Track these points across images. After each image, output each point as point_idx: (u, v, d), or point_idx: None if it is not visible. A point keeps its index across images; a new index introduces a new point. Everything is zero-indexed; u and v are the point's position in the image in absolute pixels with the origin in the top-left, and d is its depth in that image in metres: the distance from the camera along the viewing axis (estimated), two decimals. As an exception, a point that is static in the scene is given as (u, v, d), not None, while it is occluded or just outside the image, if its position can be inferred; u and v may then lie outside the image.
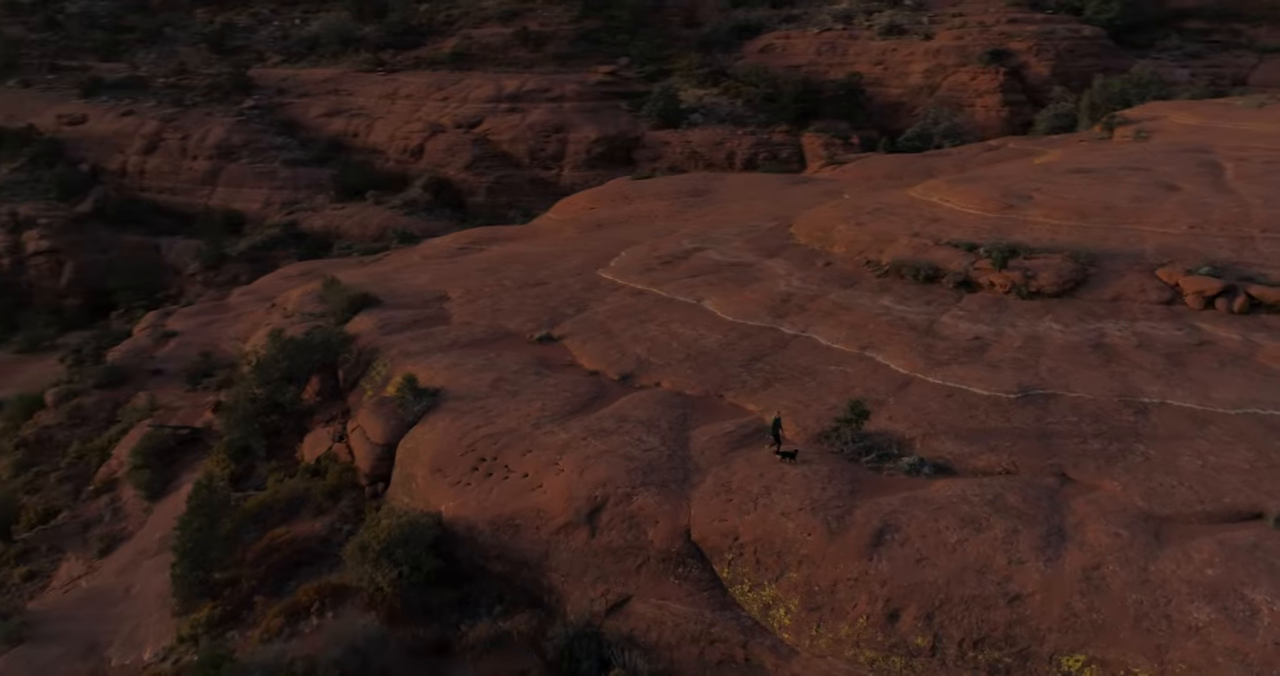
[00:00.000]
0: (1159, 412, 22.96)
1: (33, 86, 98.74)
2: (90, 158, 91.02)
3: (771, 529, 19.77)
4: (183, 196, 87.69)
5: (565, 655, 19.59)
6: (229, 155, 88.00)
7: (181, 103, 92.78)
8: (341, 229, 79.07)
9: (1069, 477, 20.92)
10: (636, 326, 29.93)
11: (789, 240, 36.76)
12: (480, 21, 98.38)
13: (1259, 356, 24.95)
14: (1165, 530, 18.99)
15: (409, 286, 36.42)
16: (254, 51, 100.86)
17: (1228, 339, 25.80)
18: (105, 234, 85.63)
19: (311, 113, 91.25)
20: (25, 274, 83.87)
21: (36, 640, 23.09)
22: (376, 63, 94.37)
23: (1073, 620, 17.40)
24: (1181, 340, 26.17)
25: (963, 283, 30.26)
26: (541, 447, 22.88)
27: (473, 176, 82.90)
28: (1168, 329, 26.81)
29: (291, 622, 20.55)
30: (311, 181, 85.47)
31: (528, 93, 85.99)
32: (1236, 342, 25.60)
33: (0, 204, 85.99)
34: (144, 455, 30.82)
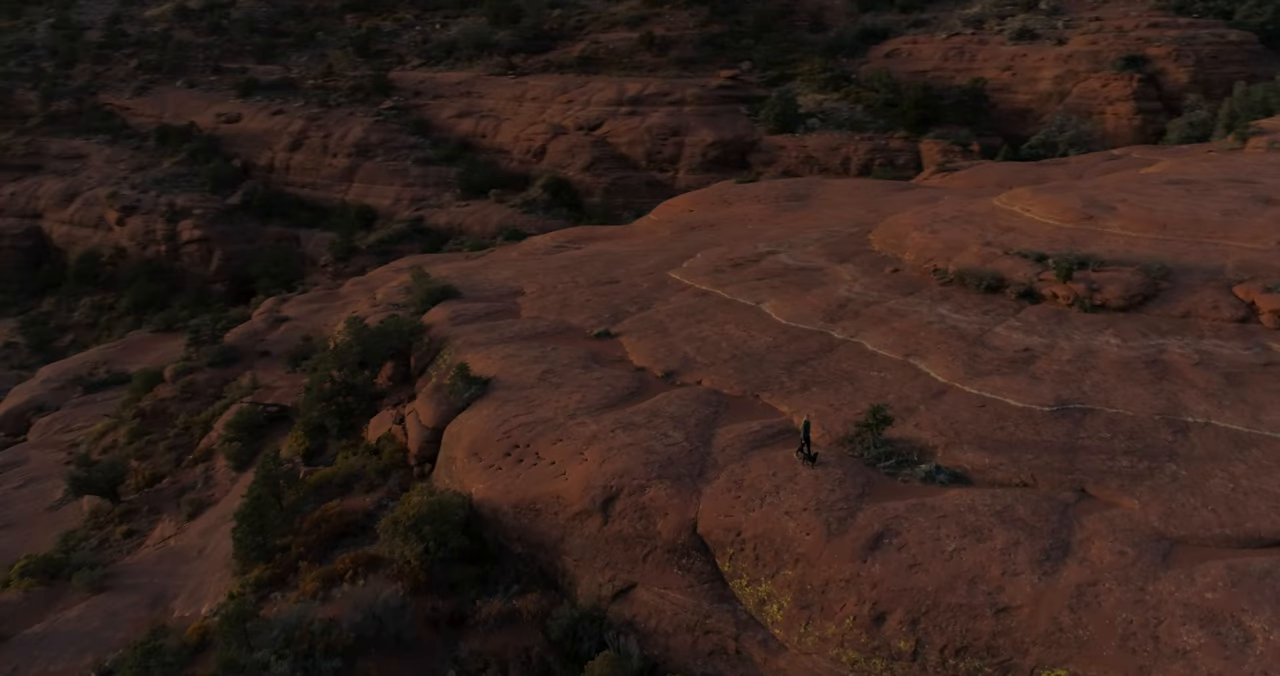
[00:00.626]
0: (1201, 433, 22.10)
1: (197, 87, 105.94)
2: (242, 154, 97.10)
3: (773, 526, 20.08)
4: (322, 191, 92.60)
5: (568, 635, 20.41)
6: (366, 153, 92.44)
7: (326, 103, 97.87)
8: (464, 225, 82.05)
9: (1088, 493, 20.45)
10: (692, 326, 30.49)
11: (864, 246, 36.57)
12: (609, 26, 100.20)
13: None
14: (1176, 551, 18.42)
15: (491, 281, 37.91)
16: (396, 55, 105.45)
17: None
18: (251, 225, 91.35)
19: (444, 114, 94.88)
20: (179, 260, 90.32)
21: (115, 590, 25.36)
22: (508, 66, 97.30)
23: (1058, 635, 17.13)
24: (1247, 360, 25.00)
25: (1026, 293, 29.57)
26: (571, 437, 23.74)
27: (590, 177, 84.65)
28: (1234, 348, 25.63)
29: (326, 587, 22.02)
30: (439, 179, 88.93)
31: (648, 96, 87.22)
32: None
33: (161, 195, 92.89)
34: (236, 429, 33.17)
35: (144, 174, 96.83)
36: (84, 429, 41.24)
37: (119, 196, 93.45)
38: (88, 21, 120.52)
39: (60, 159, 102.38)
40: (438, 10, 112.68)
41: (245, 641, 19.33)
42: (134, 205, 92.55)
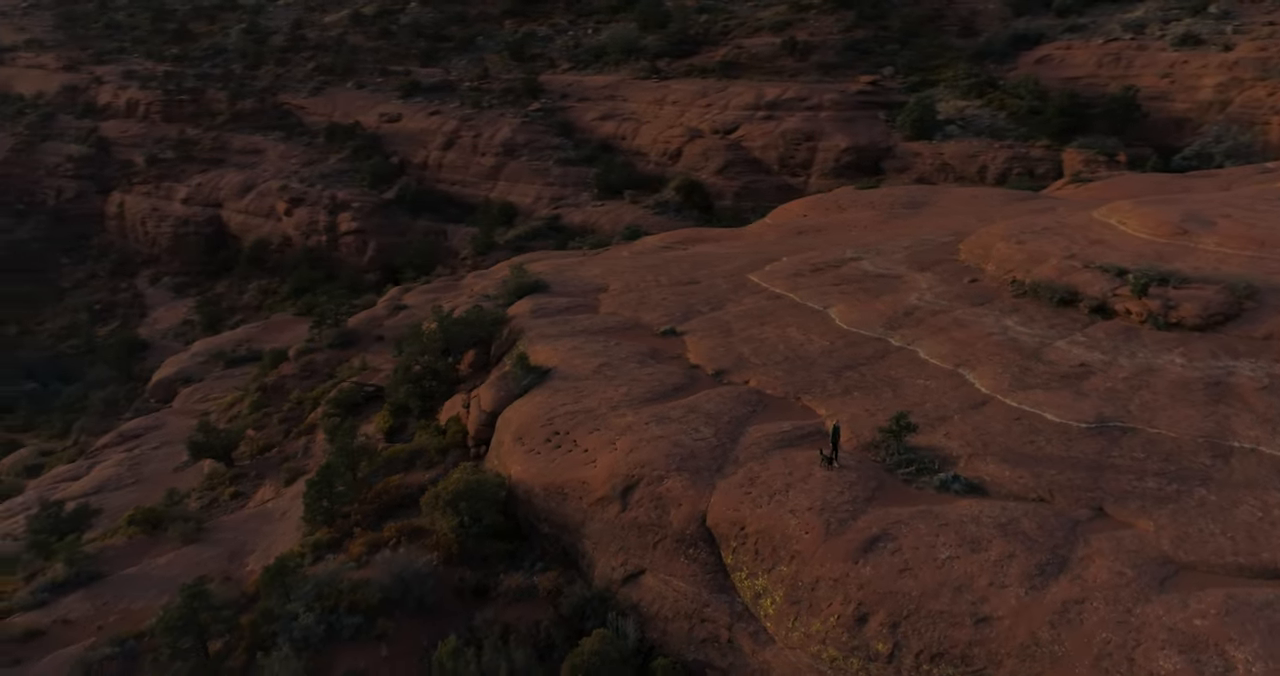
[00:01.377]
0: (1244, 458, 21.13)
1: (365, 88, 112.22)
2: (400, 151, 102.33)
3: (775, 523, 20.47)
4: (470, 188, 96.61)
5: (577, 613, 21.40)
6: (512, 153, 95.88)
7: (479, 104, 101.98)
8: (597, 224, 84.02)
9: (1105, 512, 19.97)
10: (756, 327, 30.90)
11: (952, 255, 35.96)
12: (754, 31, 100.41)
13: (1399, 411, 22.11)
14: (1179, 576, 17.87)
15: (581, 278, 39.24)
16: (548, 59, 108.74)
17: (1370, 389, 23.00)
18: (403, 218, 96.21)
19: (588, 116, 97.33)
20: (338, 249, 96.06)
21: (204, 542, 27.95)
22: (652, 70, 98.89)
23: (1034, 649, 16.95)
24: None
25: (1098, 309, 28.62)
26: (608, 428, 24.68)
27: (723, 180, 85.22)
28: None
29: (370, 552, 23.72)
30: (578, 179, 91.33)
31: (786, 101, 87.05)
32: (1377, 394, 22.78)
33: (325, 189, 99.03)
34: (336, 405, 35.66)
35: (312, 169, 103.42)
36: (217, 399, 45.02)
37: (288, 189, 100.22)
38: (274, 27, 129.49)
39: (241, 153, 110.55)
40: (591, 15, 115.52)
41: (285, 594, 21.18)
42: (301, 197, 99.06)
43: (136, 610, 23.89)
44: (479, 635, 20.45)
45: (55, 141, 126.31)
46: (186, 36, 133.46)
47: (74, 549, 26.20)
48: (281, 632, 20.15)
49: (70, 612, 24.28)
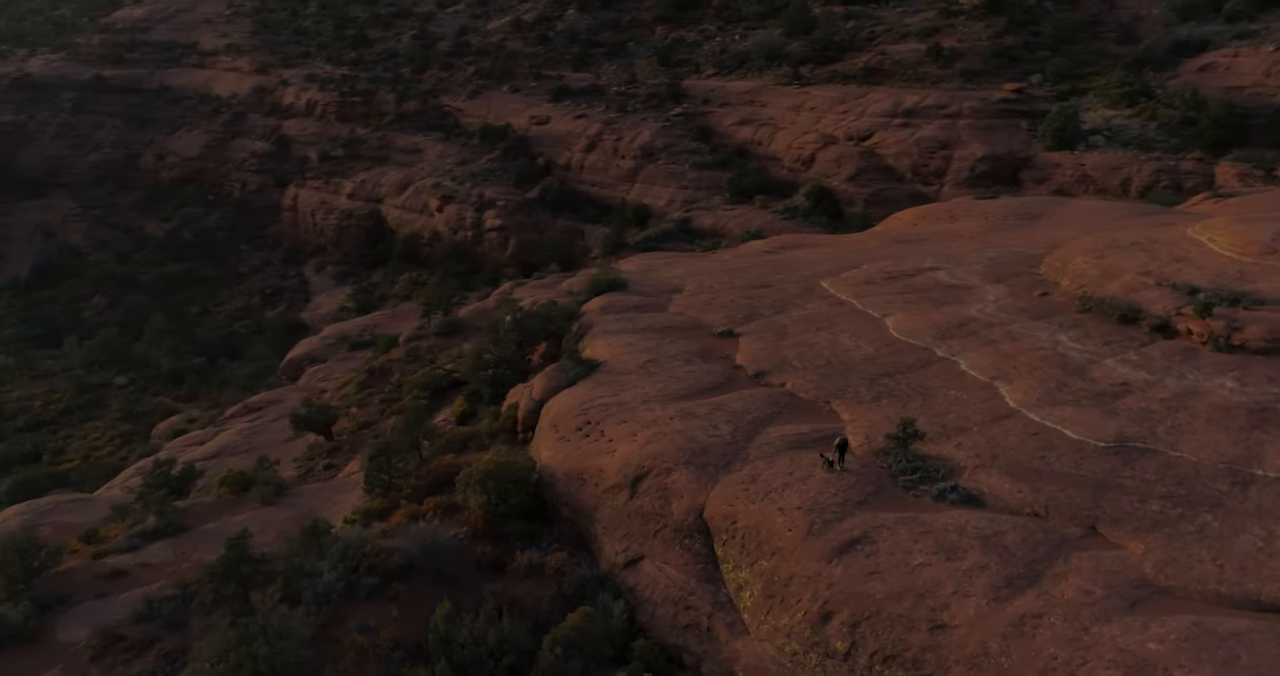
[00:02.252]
0: (1265, 487, 20.18)
1: (519, 92, 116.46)
2: (546, 153, 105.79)
3: (764, 519, 20.95)
4: (608, 190, 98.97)
5: (578, 592, 22.47)
6: (650, 156, 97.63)
7: (624, 109, 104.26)
8: (725, 228, 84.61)
9: (1097, 531, 19.58)
10: (810, 332, 31.13)
11: (1033, 268, 35.09)
12: (900, 38, 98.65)
13: None
14: (1152, 600, 17.44)
15: (662, 278, 40.23)
16: (693, 64, 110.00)
17: None
18: (544, 217, 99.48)
19: (726, 121, 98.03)
20: (482, 244, 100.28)
21: (280, 505, 30.49)
22: (794, 76, 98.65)
23: (982, 659, 16.92)
24: (1380, 419, 22.14)
25: (1160, 327, 27.52)
26: (634, 420, 25.63)
27: (854, 187, 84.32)
28: (1372, 405, 22.72)
29: (408, 523, 25.48)
30: (712, 183, 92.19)
31: (924, 108, 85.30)
32: None
33: (474, 187, 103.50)
34: (423, 389, 37.94)
35: (465, 168, 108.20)
36: (336, 379, 48.36)
37: (441, 186, 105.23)
38: (442, 33, 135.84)
39: (403, 152, 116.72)
40: (740, 22, 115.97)
41: (319, 552, 23.14)
42: (451, 195, 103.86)
43: (207, 560, 26.38)
44: (482, 605, 21.75)
45: (243, 139, 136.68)
46: (363, 42, 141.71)
47: (165, 503, 29.13)
48: (308, 587, 22.06)
49: (152, 558, 27.08)
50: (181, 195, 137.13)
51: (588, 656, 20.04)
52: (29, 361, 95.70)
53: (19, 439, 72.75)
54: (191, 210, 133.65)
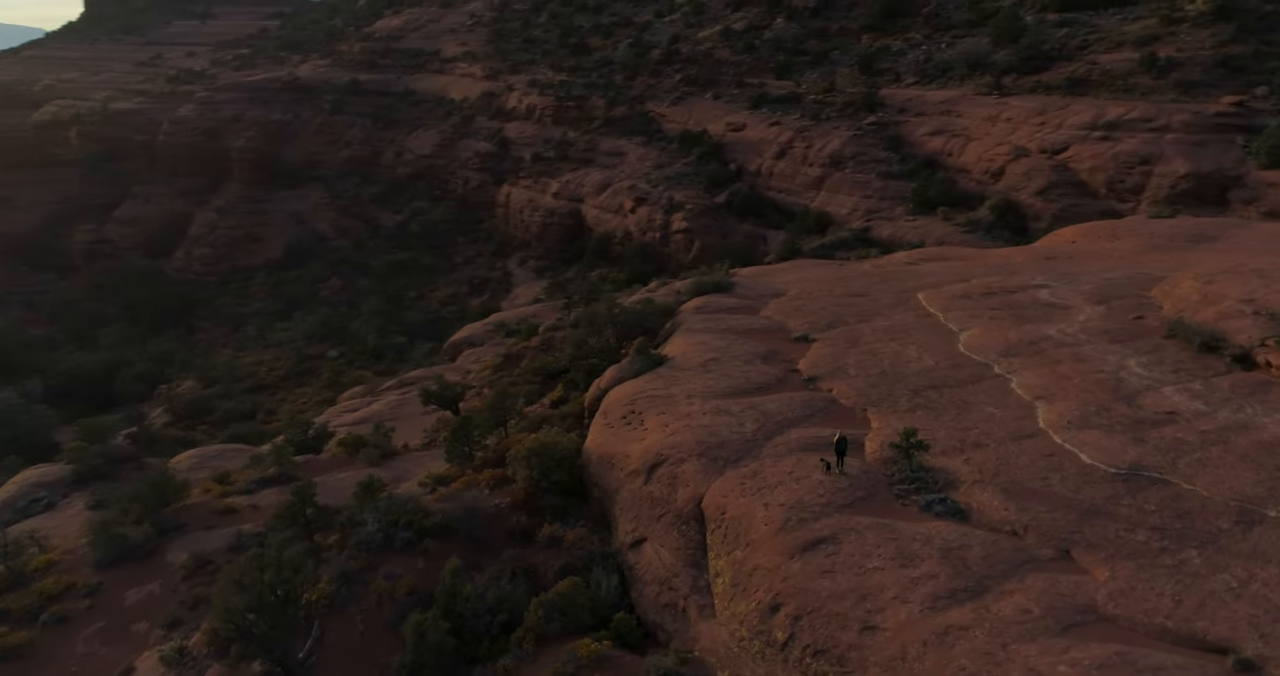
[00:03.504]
0: (1269, 529, 18.95)
1: (720, 99, 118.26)
2: (738, 159, 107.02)
3: (747, 513, 21.68)
4: (794, 197, 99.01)
5: (585, 565, 23.96)
6: (838, 165, 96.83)
7: (818, 117, 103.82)
8: (903, 239, 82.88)
9: (1069, 555, 19.10)
10: (881, 342, 31.07)
11: (1144, 291, 33.30)
12: (1113, 46, 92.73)
13: None
14: (1090, 626, 17.02)
15: (770, 283, 40.81)
16: (894, 73, 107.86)
17: None
18: (729, 222, 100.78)
19: (918, 131, 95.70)
20: (668, 245, 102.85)
21: (381, 467, 33.75)
22: (995, 86, 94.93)
23: (899, 663, 17.12)
24: None
25: (1241, 357, 25.77)
26: (671, 413, 26.76)
27: (1041, 202, 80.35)
28: None
29: (465, 489, 27.84)
30: (896, 193, 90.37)
31: (1127, 121, 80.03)
32: None
33: (666, 190, 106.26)
34: (535, 374, 40.47)
35: (661, 171, 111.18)
36: (482, 362, 51.96)
37: (635, 189, 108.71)
38: (655, 42, 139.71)
39: (606, 155, 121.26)
40: (948, 30, 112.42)
41: (373, 506, 25.85)
42: (644, 197, 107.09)
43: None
44: (494, 569, 23.68)
45: (470, 139, 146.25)
46: (584, 50, 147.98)
47: (285, 456, 32.99)
48: (354, 534, 24.79)
49: (261, 501, 30.86)
50: (413, 190, 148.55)
51: (568, 621, 21.51)
52: (266, 332, 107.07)
53: (244, 398, 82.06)
54: (420, 204, 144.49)
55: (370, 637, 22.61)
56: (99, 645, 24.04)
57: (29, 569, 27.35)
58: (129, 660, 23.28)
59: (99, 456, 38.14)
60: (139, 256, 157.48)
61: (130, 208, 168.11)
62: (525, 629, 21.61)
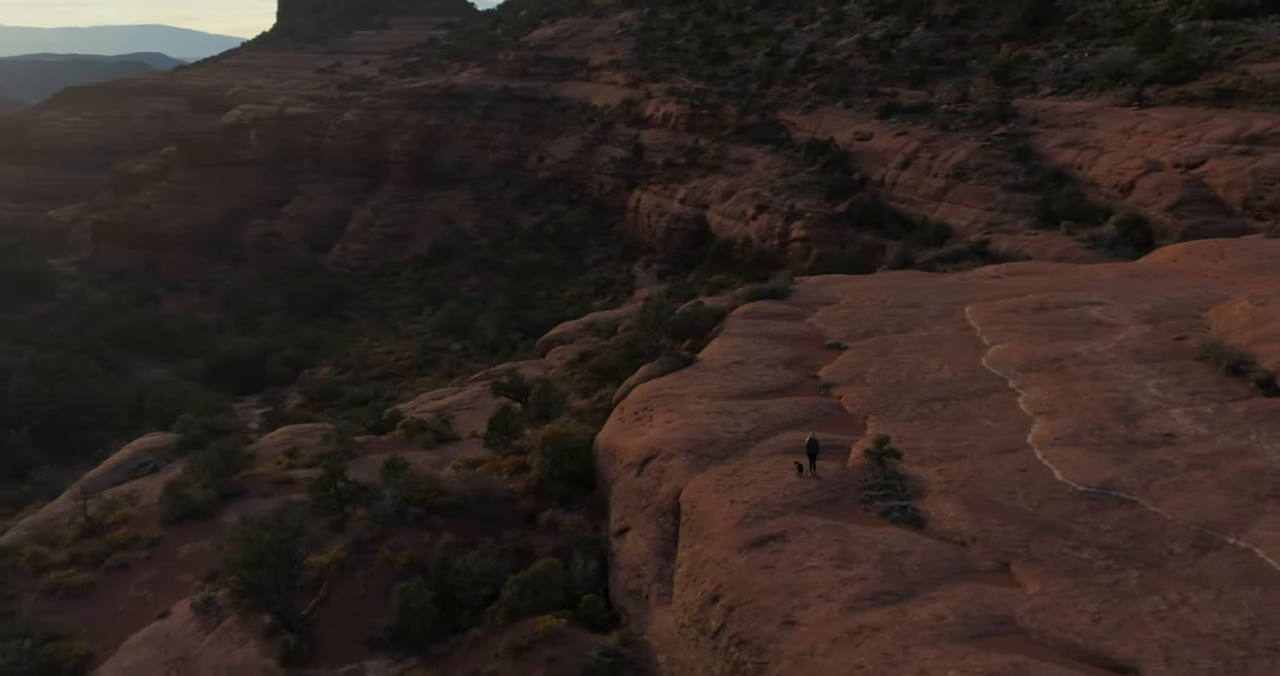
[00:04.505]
0: (1223, 556, 18.34)
1: (851, 108, 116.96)
2: (862, 168, 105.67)
3: (713, 508, 22.34)
4: (915, 207, 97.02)
5: (571, 548, 25.12)
6: (962, 176, 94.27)
7: (947, 127, 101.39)
8: (1021, 253, 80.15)
9: (1008, 568, 19.03)
10: (909, 352, 30.93)
11: (1201, 312, 31.89)
12: (1269, 56, 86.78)
13: None
14: (999, 637, 17.03)
15: (828, 292, 40.81)
16: (1031, 83, 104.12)
17: None
18: (849, 231, 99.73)
19: (1048, 143, 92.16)
20: (786, 253, 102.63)
21: (432, 450, 35.75)
22: (1135, 97, 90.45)
23: (806, 658, 17.55)
24: None
25: (1265, 383, 24.59)
26: (678, 411, 27.56)
27: (1171, 219, 76.08)
28: None
29: (487, 473, 29.47)
30: (1020, 206, 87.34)
31: (1273, 135, 74.87)
32: None
33: (788, 198, 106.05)
34: (595, 371, 41.88)
35: (785, 179, 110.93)
36: (565, 358, 53.75)
37: (758, 196, 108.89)
38: (792, 51, 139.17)
39: (734, 162, 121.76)
40: (1092, 39, 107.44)
41: (394, 483, 27.78)
42: (766, 204, 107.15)
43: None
44: (488, 548, 25.14)
45: (608, 145, 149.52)
46: (723, 59, 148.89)
47: (347, 436, 35.52)
48: (372, 507, 26.76)
49: (317, 474, 33.34)
50: (552, 192, 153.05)
51: (540, 599, 22.71)
52: (401, 324, 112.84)
53: (369, 385, 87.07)
54: (557, 206, 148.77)
55: (369, 600, 24.45)
56: (148, 590, 26.91)
57: (108, 522, 30.69)
58: (168, 605, 25.99)
59: (202, 428, 41.82)
60: (302, 250, 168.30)
61: (297, 204, 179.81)
62: (500, 603, 22.94)
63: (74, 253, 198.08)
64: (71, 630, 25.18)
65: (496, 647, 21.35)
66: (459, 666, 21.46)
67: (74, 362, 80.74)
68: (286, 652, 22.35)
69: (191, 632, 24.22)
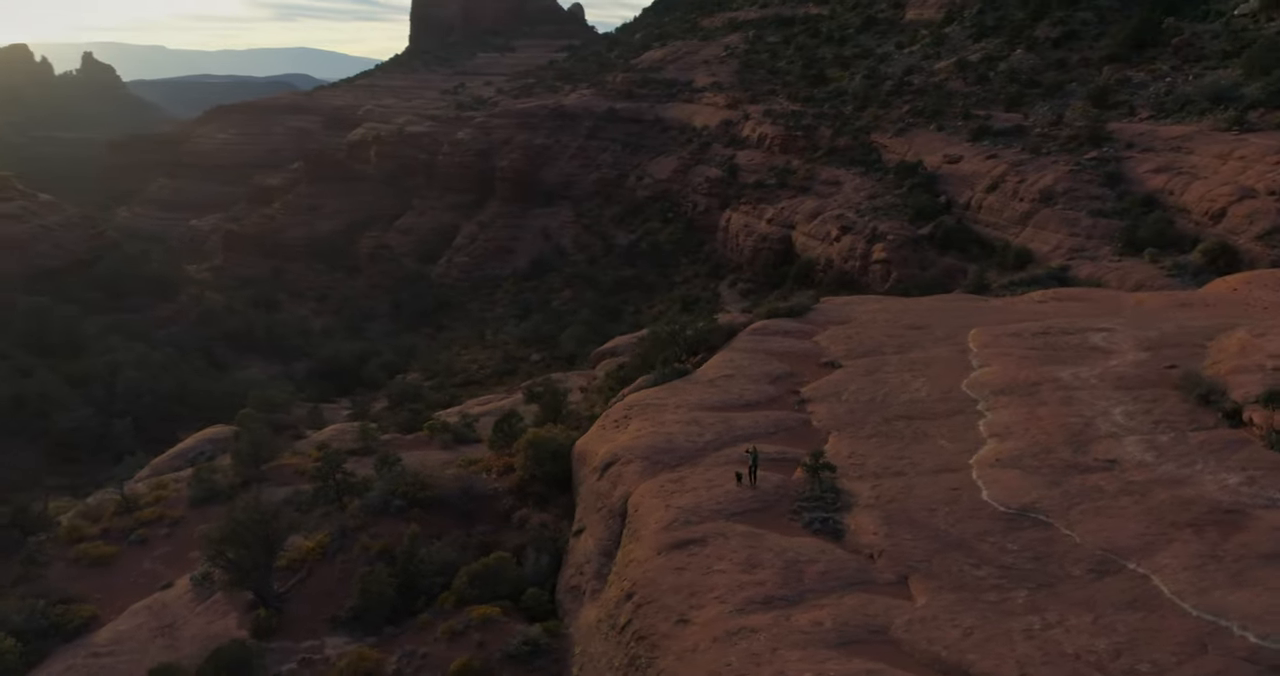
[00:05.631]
0: (1119, 581, 18.23)
1: (944, 130, 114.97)
2: (949, 191, 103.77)
3: (651, 511, 23.12)
4: (999, 231, 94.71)
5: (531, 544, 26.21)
6: (1048, 200, 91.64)
7: (1037, 151, 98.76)
8: (1102, 281, 77.52)
9: (905, 581, 19.27)
10: (897, 372, 30.99)
11: (1204, 342, 30.96)
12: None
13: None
14: (868, 645, 17.40)
15: (847, 312, 40.81)
16: (1129, 106, 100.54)
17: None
18: (930, 255, 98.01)
19: (1141, 168, 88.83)
20: (865, 275, 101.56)
21: (449, 449, 37.50)
22: (1236, 121, 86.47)
23: (689, 654, 18.21)
24: (1366, 547, 18.25)
25: (1231, 413, 23.95)
26: (652, 419, 28.38)
27: (1261, 247, 72.38)
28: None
29: (477, 472, 30.87)
30: (1105, 233, 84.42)
31: (1377, 162, 70.71)
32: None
33: (871, 220, 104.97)
34: (611, 379, 42.86)
35: (871, 201, 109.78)
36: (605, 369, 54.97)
37: (843, 217, 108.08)
38: (890, 73, 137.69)
39: (823, 184, 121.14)
40: (1199, 61, 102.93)
41: (387, 475, 29.43)
42: (850, 226, 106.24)
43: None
44: (460, 540, 26.47)
45: (704, 165, 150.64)
46: (821, 81, 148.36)
47: (372, 433, 37.52)
48: (361, 498, 28.46)
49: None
50: (648, 211, 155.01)
51: (487, 590, 23.89)
52: (489, 334, 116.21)
53: (450, 391, 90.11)
54: (652, 224, 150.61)
55: (342, 583, 26.06)
56: (160, 564, 29.22)
57: (143, 502, 33.36)
58: (173, 578, 28.20)
59: (260, 422, 44.66)
60: (411, 261, 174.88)
61: (409, 218, 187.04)
62: (451, 591, 24.18)
63: (208, 260, 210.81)
64: (85, 594, 27.68)
65: (436, 631, 22.59)
66: (402, 646, 22.79)
67: (177, 360, 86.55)
68: (257, 626, 24.13)
69: (185, 603, 26.33)
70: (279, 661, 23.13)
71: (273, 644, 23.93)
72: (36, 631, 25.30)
